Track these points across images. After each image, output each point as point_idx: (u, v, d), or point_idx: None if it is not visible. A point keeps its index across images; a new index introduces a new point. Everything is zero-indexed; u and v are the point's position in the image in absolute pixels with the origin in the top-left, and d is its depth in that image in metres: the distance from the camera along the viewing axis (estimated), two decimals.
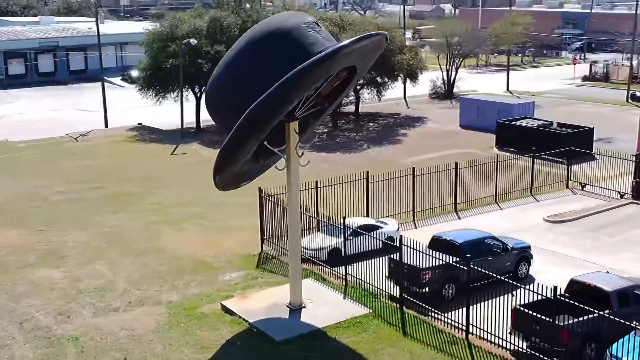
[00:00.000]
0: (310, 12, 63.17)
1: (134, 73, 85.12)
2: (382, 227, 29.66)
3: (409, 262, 24.25)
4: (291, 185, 23.65)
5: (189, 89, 57.36)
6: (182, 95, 54.88)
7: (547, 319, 19.98)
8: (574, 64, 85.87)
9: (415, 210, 34.47)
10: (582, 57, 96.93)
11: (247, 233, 32.92)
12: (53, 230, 34.14)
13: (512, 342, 21.16)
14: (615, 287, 21.34)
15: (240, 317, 23.92)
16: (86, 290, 27.02)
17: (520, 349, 21.01)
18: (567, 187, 39.44)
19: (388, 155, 49.90)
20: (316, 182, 31.90)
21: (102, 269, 29.18)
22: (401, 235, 24.46)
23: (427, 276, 24.22)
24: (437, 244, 25.77)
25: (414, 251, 24.01)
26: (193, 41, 51.98)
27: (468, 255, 23.16)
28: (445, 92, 73.16)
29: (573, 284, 21.89)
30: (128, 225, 34.90)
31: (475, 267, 22.12)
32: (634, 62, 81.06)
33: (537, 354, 20.40)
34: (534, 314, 20.34)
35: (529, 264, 26.92)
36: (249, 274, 28.26)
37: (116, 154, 50.92)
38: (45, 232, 33.82)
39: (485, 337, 21.82)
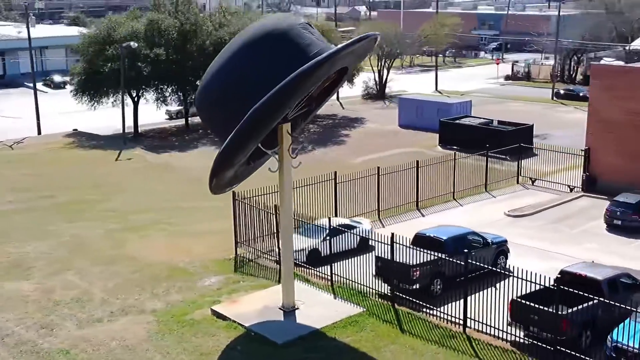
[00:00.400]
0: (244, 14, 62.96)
1: (57, 78, 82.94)
2: (357, 227, 29.89)
3: (398, 260, 24.56)
4: (284, 187, 23.58)
5: (126, 93, 56.15)
6: (123, 100, 53.66)
7: (549, 309, 20.66)
8: (497, 63, 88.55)
9: (380, 209, 34.89)
10: (501, 57, 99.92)
11: (215, 237, 32.63)
12: (9, 241, 32.84)
13: (512, 333, 21.75)
14: (606, 275, 22.26)
15: (234, 321, 23.67)
16: (63, 301, 26.16)
17: (520, 340, 21.62)
18: (518, 182, 40.72)
19: (334, 156, 50.22)
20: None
21: (73, 279, 28.31)
22: (393, 233, 24.73)
23: (416, 273, 24.59)
24: (421, 240, 26.16)
25: (404, 248, 24.35)
26: (133, 44, 50.95)
27: (451, 251, 23.86)
28: (378, 93, 74.20)
29: (564, 275, 22.67)
30: (88, 233, 33.93)
31: (474, 262, 22.58)
32: (552, 62, 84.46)
33: (537, 343, 21.04)
34: (534, 305, 20.98)
35: (507, 258, 27.70)
36: (229, 279, 27.97)
37: (58, 161, 49.34)
38: (1, 244, 32.51)
39: (483, 329, 22.33)
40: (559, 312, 20.44)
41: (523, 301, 21.38)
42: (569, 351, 20.40)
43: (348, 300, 25.00)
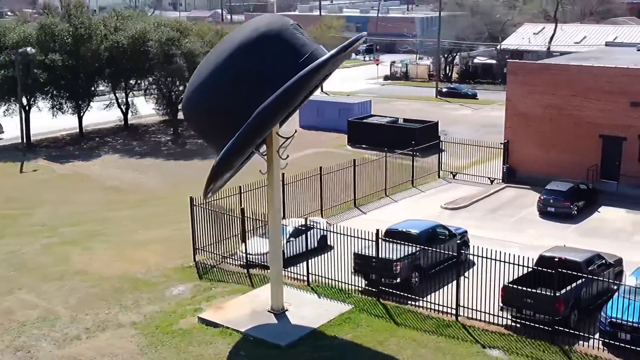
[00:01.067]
0: (138, 16, 61.26)
1: None
2: (316, 226, 30.10)
3: (378, 255, 25.04)
4: (273, 188, 23.45)
5: (14, 101, 53.03)
6: (21, 109, 50.74)
7: (544, 291, 21.87)
8: (377, 64, 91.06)
9: (323, 208, 35.25)
10: (373, 58, 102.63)
11: (163, 245, 31.90)
12: None
13: (504, 316, 22.81)
14: (584, 257, 23.78)
15: (227, 327, 23.25)
16: (28, 321, 24.65)
17: (513, 323, 22.71)
18: (439, 177, 42.33)
19: (253, 158, 49.93)
20: (240, 187, 31.51)
21: (29, 298, 26.73)
22: (377, 230, 25.18)
23: (398, 267, 25.18)
24: (393, 235, 26.71)
25: (388, 243, 24.91)
26: (31, 50, 48.34)
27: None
28: None
29: (543, 259, 23.96)
30: (24, 250, 32.05)
31: (470, 254, 23.38)
32: (428, 62, 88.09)
33: (530, 325, 22.17)
34: (528, 289, 22.12)
35: (468, 247, 28.82)
36: (198, 286, 27.35)
37: None
38: None
39: (475, 316, 23.23)
40: (555, 294, 21.66)
41: (516, 286, 22.46)
42: (568, 330, 21.68)
43: (333, 299, 25.17)
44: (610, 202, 35.89)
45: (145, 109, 62.61)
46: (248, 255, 28.35)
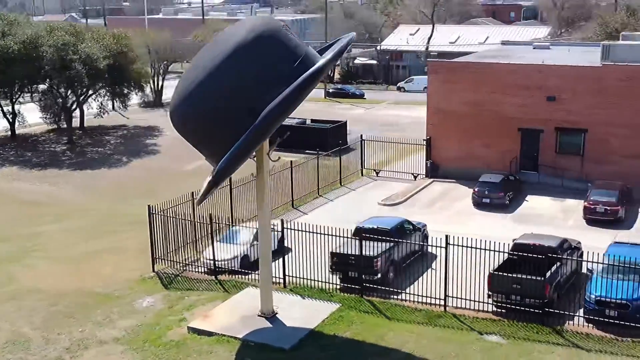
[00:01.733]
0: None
1: None
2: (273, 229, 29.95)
3: (356, 252, 25.37)
4: (263, 190, 23.20)
5: None
6: None
7: (532, 277, 23.00)
8: None
9: None
10: None
11: (111, 257, 30.84)
12: None
13: (491, 302, 23.80)
14: (556, 242, 25.18)
15: (223, 335, 22.76)
16: None
17: (500, 309, 23.72)
18: (362, 175, 43.15)
19: (161, 164, 48.95)
20: (192, 192, 30.77)
21: None
22: (362, 227, 25.41)
23: (378, 263, 25.61)
24: (364, 232, 26.99)
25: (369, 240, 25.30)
26: None
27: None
28: (155, 100, 72.68)
29: (518, 246, 25.13)
30: None
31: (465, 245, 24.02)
32: None
33: (519, 309, 23.27)
34: (517, 275, 23.20)
35: (428, 240, 29.64)
36: (168, 296, 26.52)
37: None
38: None
39: (462, 305, 24.05)
40: (542, 279, 22.87)
41: (503, 273, 23.48)
42: (556, 311, 22.96)
43: (318, 299, 25.21)
44: (533, 191, 38.04)
45: (32, 117, 59.48)
46: (215, 262, 27.78)
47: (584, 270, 25.21)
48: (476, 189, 36.06)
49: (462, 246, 23.86)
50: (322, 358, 21.60)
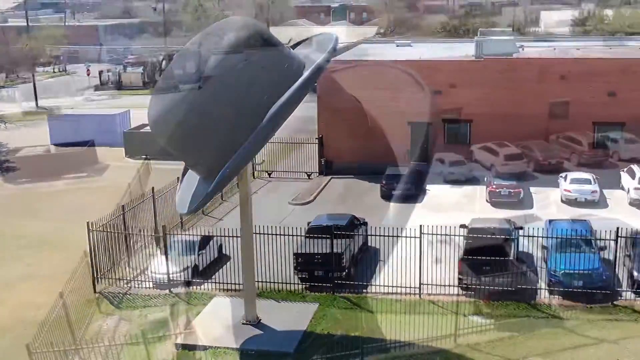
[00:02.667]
0: None
1: None
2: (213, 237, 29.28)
3: (332, 251, 25.53)
4: (247, 196, 22.67)
5: None
6: None
7: (502, 258, 24.41)
8: (88, 74, 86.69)
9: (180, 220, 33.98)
10: (63, 69, 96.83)
11: (35, 282, 28.40)
12: None
13: (461, 285, 24.98)
14: (508, 225, 26.88)
15: (218, 347, 21.95)
16: None
17: (469, 291, 24.89)
18: (254, 177, 42.82)
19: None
20: (123, 206, 29.13)
21: None
22: (333, 226, 25.46)
23: (344, 259, 25.86)
24: (319, 230, 27.10)
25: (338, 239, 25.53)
26: None
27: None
28: None
29: (473, 230, 26.38)
30: None
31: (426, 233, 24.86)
32: (139, 70, 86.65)
33: (491, 289, 24.60)
34: (488, 257, 24.49)
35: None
36: (128, 315, 25.02)
37: None
38: None
39: (434, 291, 24.98)
40: (513, 259, 24.38)
41: (474, 257, 24.67)
42: (528, 287, 24.54)
43: (293, 301, 24.98)
44: (429, 181, 39.81)
45: None
46: (169, 275, 26.57)
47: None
48: (384, 182, 37.15)
49: (435, 234, 24.82)
50: (335, 357, 21.49)
